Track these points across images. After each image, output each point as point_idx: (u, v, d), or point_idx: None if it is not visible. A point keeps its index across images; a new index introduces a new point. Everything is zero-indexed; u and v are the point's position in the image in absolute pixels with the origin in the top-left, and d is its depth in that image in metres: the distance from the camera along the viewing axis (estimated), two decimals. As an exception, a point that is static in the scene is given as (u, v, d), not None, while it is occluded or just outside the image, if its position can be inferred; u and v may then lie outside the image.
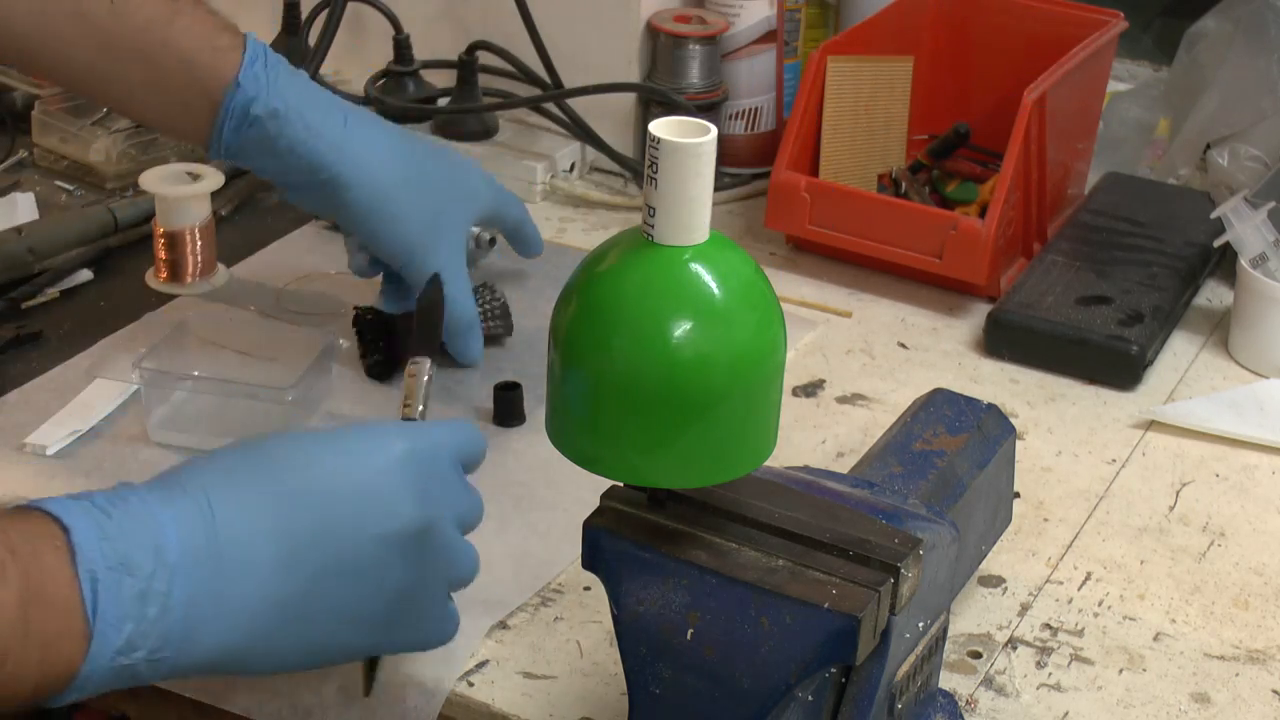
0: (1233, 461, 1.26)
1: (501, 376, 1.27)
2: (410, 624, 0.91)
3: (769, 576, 0.84)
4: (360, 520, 0.87)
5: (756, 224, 1.53)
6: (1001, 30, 1.59)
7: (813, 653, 0.82)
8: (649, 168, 0.79)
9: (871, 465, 1.02)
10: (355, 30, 1.68)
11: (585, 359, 0.81)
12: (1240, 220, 1.36)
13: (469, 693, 1.01)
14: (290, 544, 0.85)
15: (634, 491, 0.88)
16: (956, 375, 1.35)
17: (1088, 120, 1.59)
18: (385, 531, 0.87)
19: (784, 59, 1.63)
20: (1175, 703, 1.03)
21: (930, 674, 0.95)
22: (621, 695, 0.92)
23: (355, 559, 0.86)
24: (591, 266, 0.82)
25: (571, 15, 1.59)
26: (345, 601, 0.87)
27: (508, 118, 1.64)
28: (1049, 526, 1.18)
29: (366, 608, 0.88)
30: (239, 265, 1.44)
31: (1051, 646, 1.07)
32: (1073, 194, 1.58)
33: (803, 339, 1.38)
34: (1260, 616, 1.10)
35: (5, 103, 1.65)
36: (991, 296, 1.43)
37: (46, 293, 1.38)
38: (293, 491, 0.86)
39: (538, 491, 1.17)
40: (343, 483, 0.87)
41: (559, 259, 1.46)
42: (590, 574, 0.88)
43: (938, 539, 0.90)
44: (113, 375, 1.25)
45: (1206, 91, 1.55)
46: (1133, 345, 1.33)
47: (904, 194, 1.51)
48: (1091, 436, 1.28)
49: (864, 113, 1.52)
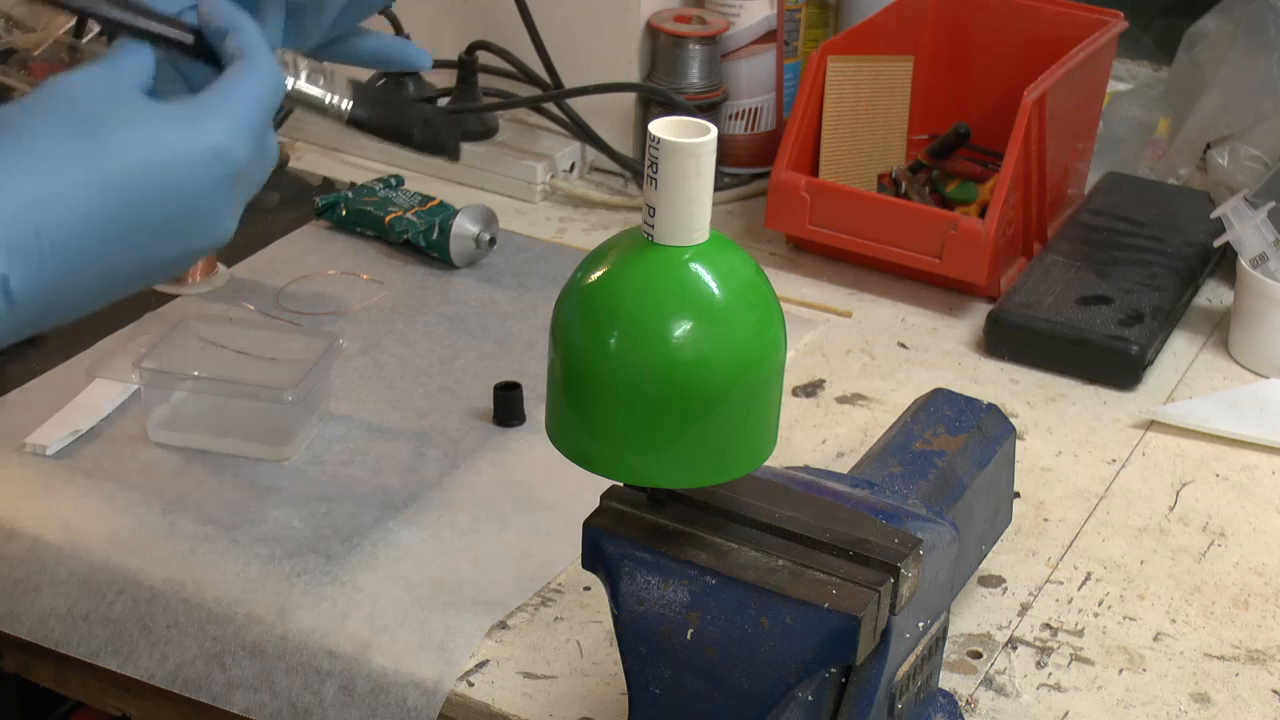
0: (1233, 461, 1.26)
1: (501, 376, 1.27)
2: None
3: (769, 576, 0.84)
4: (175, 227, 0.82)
5: (756, 224, 1.53)
6: (1001, 30, 1.59)
7: (813, 653, 0.82)
8: (649, 168, 0.79)
9: (871, 465, 1.02)
10: (355, 30, 1.68)
11: (585, 359, 0.81)
12: (1240, 220, 1.36)
13: (469, 693, 1.01)
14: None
15: (634, 491, 0.88)
16: (956, 375, 1.35)
17: (1088, 120, 1.59)
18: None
19: (784, 59, 1.63)
20: (1175, 703, 1.03)
21: (930, 674, 0.95)
22: (621, 695, 0.92)
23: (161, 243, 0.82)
24: (591, 266, 0.82)
25: (571, 15, 1.59)
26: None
27: (508, 118, 1.64)
28: (1049, 526, 1.18)
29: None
30: (239, 265, 1.44)
31: (1051, 646, 1.07)
32: (1073, 194, 1.58)
33: (803, 339, 1.38)
34: (1260, 616, 1.10)
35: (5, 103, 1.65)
36: (991, 296, 1.43)
37: (46, 293, 1.38)
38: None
39: (538, 491, 1.17)
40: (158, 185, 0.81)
41: (559, 259, 1.47)
42: (590, 574, 0.88)
43: (938, 539, 0.90)
44: (113, 375, 1.25)
45: (1206, 91, 1.55)
46: (1133, 345, 1.33)
47: (904, 194, 1.51)
48: (1091, 436, 1.28)
49: (864, 113, 1.52)
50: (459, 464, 1.20)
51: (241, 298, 1.39)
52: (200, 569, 1.09)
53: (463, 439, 1.23)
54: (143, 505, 1.14)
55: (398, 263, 1.46)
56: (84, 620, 1.08)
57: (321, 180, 1.60)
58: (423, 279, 1.44)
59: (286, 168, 1.61)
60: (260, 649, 1.05)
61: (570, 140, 1.61)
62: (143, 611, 1.07)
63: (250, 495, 1.16)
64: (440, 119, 1.00)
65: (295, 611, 1.06)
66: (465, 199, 1.51)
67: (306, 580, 1.08)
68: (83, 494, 1.15)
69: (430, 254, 1.45)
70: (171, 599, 1.08)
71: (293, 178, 1.60)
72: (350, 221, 1.49)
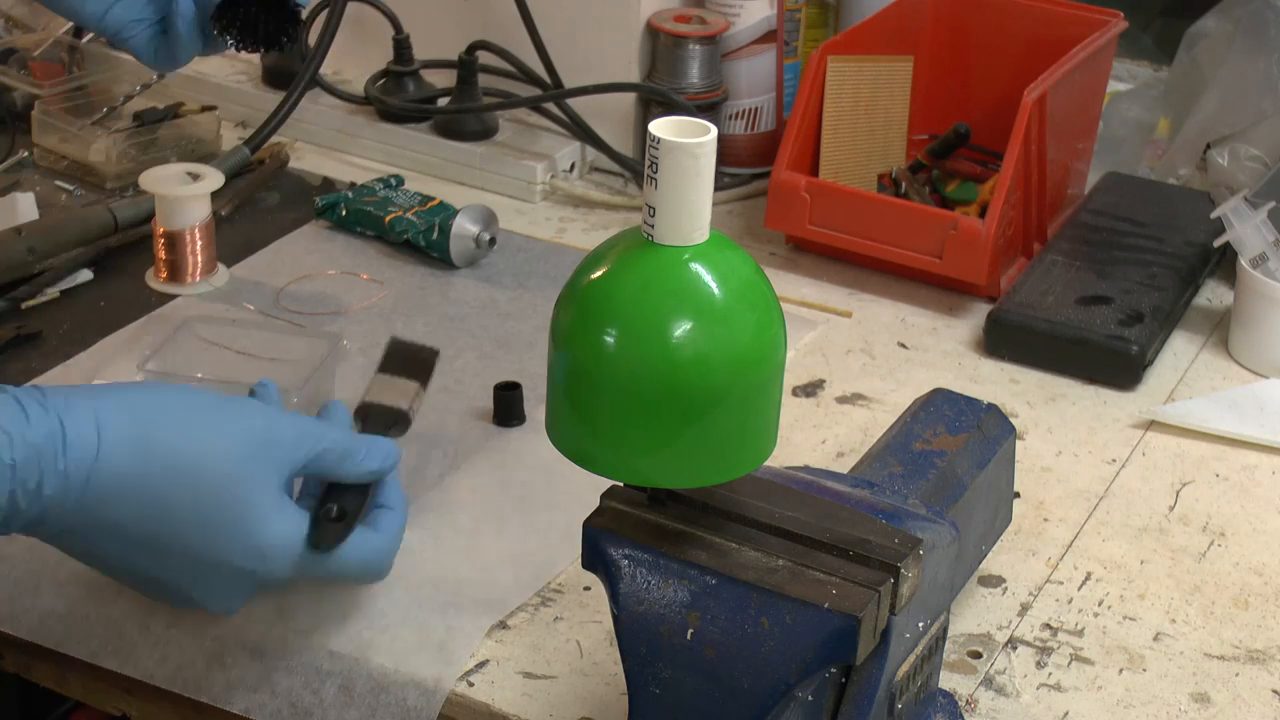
0: (1233, 461, 1.26)
1: (501, 376, 1.27)
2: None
3: (769, 576, 0.84)
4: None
5: (756, 224, 1.53)
6: (1001, 30, 1.59)
7: (813, 653, 0.82)
8: (649, 168, 0.79)
9: (871, 465, 1.02)
10: (355, 30, 1.68)
11: (585, 359, 0.81)
12: (1240, 220, 1.36)
13: (469, 693, 1.01)
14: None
15: (634, 491, 0.88)
16: (956, 375, 1.35)
17: (1088, 120, 1.59)
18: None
19: (784, 59, 1.63)
20: (1175, 703, 1.03)
21: (930, 674, 0.95)
22: (621, 695, 0.92)
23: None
24: (591, 266, 0.82)
25: (571, 15, 1.59)
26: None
27: (508, 118, 1.64)
28: (1049, 526, 1.18)
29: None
30: (239, 265, 1.44)
31: (1051, 646, 1.07)
32: (1073, 194, 1.58)
33: (803, 339, 1.38)
34: (1260, 616, 1.10)
35: (5, 103, 1.65)
36: (991, 296, 1.43)
37: (46, 293, 1.38)
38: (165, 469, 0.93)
39: (538, 491, 1.17)
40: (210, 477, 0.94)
41: (559, 259, 1.46)
42: (590, 574, 0.88)
43: (938, 539, 0.90)
44: (113, 376, 1.25)
45: (1206, 91, 1.55)
46: (1133, 345, 1.33)
47: (904, 194, 1.51)
48: (1091, 436, 1.28)
49: (864, 113, 1.52)
50: (459, 464, 1.20)
51: (242, 298, 1.39)
52: (200, 569, 1.09)
53: (463, 439, 1.23)
54: (143, 505, 1.14)
55: (398, 263, 1.46)
56: (84, 620, 1.08)
57: (321, 180, 1.60)
58: (423, 279, 1.44)
59: (286, 168, 1.61)
60: (260, 649, 1.05)
61: (570, 140, 1.61)
62: (143, 611, 1.07)
63: (250, 495, 1.16)
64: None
65: (295, 612, 1.06)
66: (465, 199, 1.51)
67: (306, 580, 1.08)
68: (83, 494, 1.15)
69: (430, 254, 1.45)
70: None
71: (293, 178, 1.60)
72: (350, 221, 1.49)
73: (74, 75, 1.65)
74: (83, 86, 1.64)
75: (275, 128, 1.59)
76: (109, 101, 1.62)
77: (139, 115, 1.60)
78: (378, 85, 1.65)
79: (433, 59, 1.66)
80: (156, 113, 1.60)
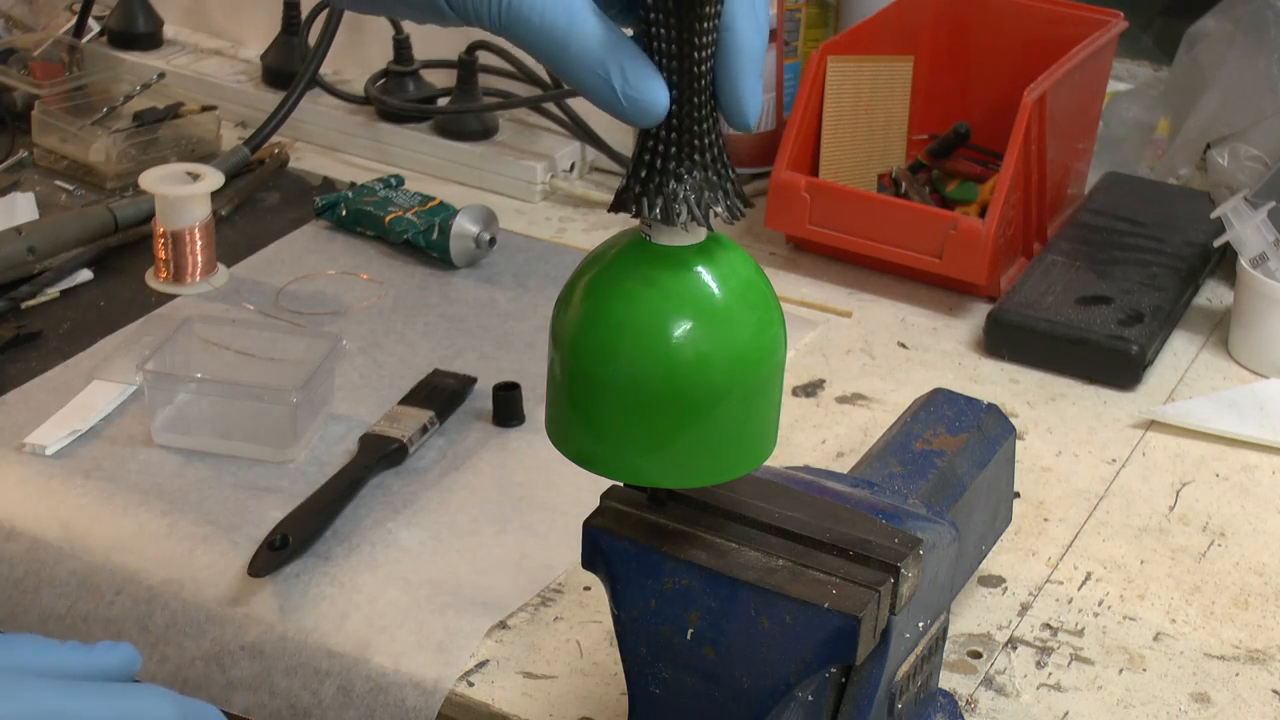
0: (1233, 461, 1.26)
1: (501, 376, 1.27)
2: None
3: (769, 576, 0.84)
4: None
5: (756, 224, 1.53)
6: (1001, 30, 1.59)
7: (813, 653, 0.82)
8: (649, 168, 0.78)
9: (871, 465, 1.01)
10: (355, 30, 1.68)
11: (585, 359, 0.81)
12: (1240, 220, 1.36)
13: (469, 693, 1.01)
14: None
15: (634, 491, 0.88)
16: (956, 375, 1.35)
17: (1088, 120, 1.59)
18: None
19: (784, 59, 1.63)
20: (1175, 703, 1.03)
21: (930, 674, 0.95)
22: (621, 695, 0.92)
23: None
24: (591, 266, 0.82)
25: (571, 15, 1.59)
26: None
27: (508, 118, 1.64)
28: (1049, 526, 1.18)
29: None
30: (239, 265, 1.44)
31: (1051, 646, 1.07)
32: (1073, 194, 1.58)
33: (803, 339, 1.38)
34: (1260, 616, 1.10)
35: (5, 102, 1.65)
36: (991, 296, 1.43)
37: (46, 293, 1.39)
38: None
39: (538, 492, 1.17)
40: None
41: (559, 259, 1.47)
42: (590, 574, 0.88)
43: (938, 539, 0.90)
44: (113, 376, 1.26)
45: (1206, 91, 1.55)
46: (1133, 345, 1.33)
47: (904, 194, 1.51)
48: (1091, 436, 1.28)
49: (864, 113, 1.52)
50: (459, 464, 1.20)
51: (241, 297, 1.39)
52: (200, 569, 1.09)
53: (463, 439, 1.23)
54: (142, 506, 1.14)
55: (398, 263, 1.46)
56: (84, 620, 1.08)
57: (321, 180, 1.60)
58: (423, 279, 1.44)
59: (286, 168, 1.61)
60: (260, 649, 1.05)
61: (570, 140, 1.61)
62: (142, 612, 1.07)
63: (249, 496, 1.16)
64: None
65: (294, 612, 1.06)
66: (465, 199, 1.52)
67: (305, 580, 1.08)
68: (82, 494, 1.15)
69: (430, 254, 1.45)
70: (170, 599, 1.08)
71: (293, 178, 1.60)
72: (350, 221, 1.49)
73: (74, 75, 1.65)
74: (83, 86, 1.64)
75: (275, 128, 1.59)
76: (109, 101, 1.62)
77: (139, 115, 1.60)
78: (378, 85, 1.65)
79: (432, 59, 1.66)
80: (156, 113, 1.60)
